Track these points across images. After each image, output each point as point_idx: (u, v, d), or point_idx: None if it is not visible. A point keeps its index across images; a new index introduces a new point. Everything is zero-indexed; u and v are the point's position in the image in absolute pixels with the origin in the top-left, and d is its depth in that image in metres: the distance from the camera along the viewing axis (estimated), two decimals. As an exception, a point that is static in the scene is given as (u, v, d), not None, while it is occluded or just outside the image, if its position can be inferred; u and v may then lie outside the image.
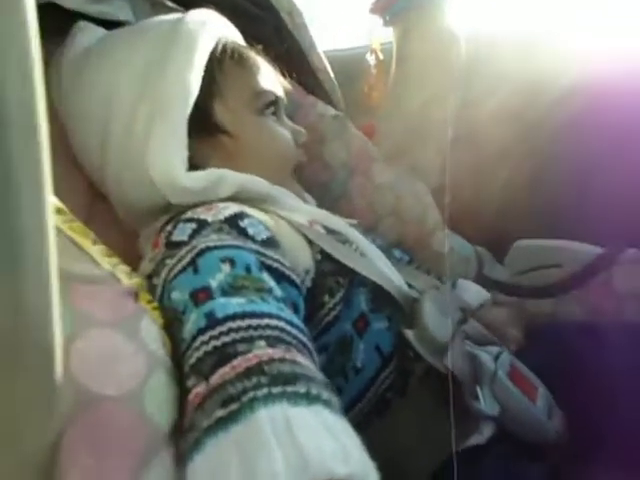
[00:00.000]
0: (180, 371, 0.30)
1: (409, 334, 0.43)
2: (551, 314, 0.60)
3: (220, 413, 0.24)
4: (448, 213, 0.66)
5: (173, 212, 0.46)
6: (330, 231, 0.49)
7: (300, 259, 0.43)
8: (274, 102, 0.53)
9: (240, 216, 0.41)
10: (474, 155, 0.79)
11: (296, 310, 0.38)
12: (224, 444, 0.23)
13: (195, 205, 0.43)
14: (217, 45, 0.51)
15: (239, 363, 0.27)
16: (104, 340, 0.24)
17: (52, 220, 0.17)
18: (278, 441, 0.22)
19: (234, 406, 0.24)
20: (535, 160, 0.78)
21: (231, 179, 0.46)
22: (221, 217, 0.40)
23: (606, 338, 0.49)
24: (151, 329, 0.28)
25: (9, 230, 0.16)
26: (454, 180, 0.67)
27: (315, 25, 0.73)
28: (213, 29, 0.51)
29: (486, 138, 0.78)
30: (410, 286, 0.51)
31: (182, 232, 0.39)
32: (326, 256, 0.44)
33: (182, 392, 0.28)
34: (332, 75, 0.74)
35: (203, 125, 0.49)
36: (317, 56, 0.72)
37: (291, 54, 0.69)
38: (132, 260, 0.39)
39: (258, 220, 0.41)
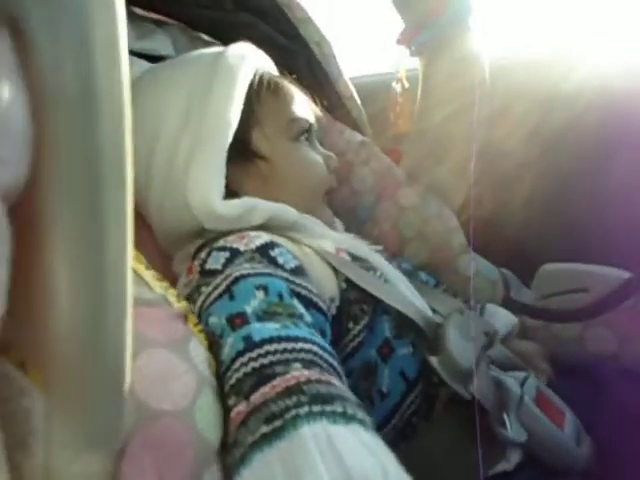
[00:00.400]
0: (221, 390, 0.32)
1: (433, 360, 0.43)
2: (578, 338, 0.60)
3: (264, 429, 0.26)
4: (472, 233, 0.67)
5: (206, 237, 0.48)
6: (355, 258, 0.50)
7: (326, 287, 0.44)
8: (307, 129, 0.56)
9: (271, 245, 0.43)
10: (493, 171, 0.79)
11: (323, 336, 0.39)
12: (270, 458, 0.25)
13: (228, 232, 0.46)
14: (255, 77, 0.54)
15: (278, 383, 0.29)
16: (160, 359, 0.27)
17: (131, 256, 0.19)
18: (322, 457, 0.24)
19: (277, 423, 0.26)
20: (555, 177, 0.78)
21: (263, 208, 0.49)
22: (252, 246, 0.42)
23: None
24: (199, 350, 0.30)
25: (96, 267, 0.18)
26: (475, 197, 0.68)
27: (342, 52, 0.77)
28: (251, 62, 0.54)
29: (504, 154, 0.78)
30: (434, 311, 0.52)
31: (216, 261, 0.41)
32: (351, 284, 0.46)
33: (224, 411, 0.30)
34: (359, 102, 0.77)
35: (241, 152, 0.51)
36: (344, 84, 0.75)
37: (320, 83, 0.72)
38: (171, 283, 0.42)
39: (287, 249, 0.43)
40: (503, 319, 0.53)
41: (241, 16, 0.67)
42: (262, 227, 0.48)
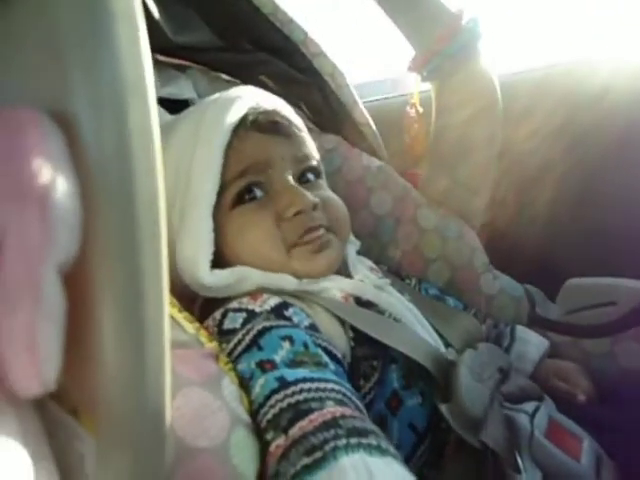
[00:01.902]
0: (255, 427, 0.33)
1: (443, 408, 0.42)
2: (609, 353, 0.59)
3: (305, 461, 0.28)
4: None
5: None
6: (363, 303, 0.50)
7: (337, 345, 0.44)
8: (246, 188, 0.49)
9: (284, 306, 0.44)
10: (518, 175, 0.79)
11: None
12: None
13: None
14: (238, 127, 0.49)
15: (316, 417, 0.31)
16: (195, 398, 0.28)
17: (168, 304, 0.21)
18: None
19: (318, 454, 0.28)
20: (582, 179, 0.78)
21: (253, 279, 0.47)
22: (267, 307, 0.43)
23: None
24: (231, 388, 0.32)
25: (138, 321, 0.20)
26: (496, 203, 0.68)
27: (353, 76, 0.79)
28: (236, 113, 0.49)
29: (529, 156, 0.78)
30: (449, 345, 0.51)
31: (233, 321, 0.42)
32: (359, 341, 0.46)
33: (260, 446, 0.32)
34: (374, 127, 0.79)
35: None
36: (359, 112, 0.77)
37: (336, 113, 0.75)
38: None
39: (300, 309, 0.44)
40: (535, 342, 0.52)
41: (258, 55, 0.70)
42: (263, 289, 0.47)
